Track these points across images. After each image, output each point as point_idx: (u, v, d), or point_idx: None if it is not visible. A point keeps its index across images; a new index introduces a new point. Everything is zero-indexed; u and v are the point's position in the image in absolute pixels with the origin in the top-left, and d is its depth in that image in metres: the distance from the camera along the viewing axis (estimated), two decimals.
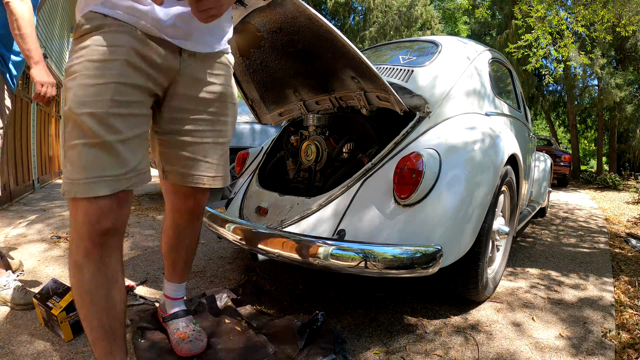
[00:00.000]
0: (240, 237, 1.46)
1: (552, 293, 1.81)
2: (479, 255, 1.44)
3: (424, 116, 1.56)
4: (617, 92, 10.59)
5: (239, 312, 1.46)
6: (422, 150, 1.39)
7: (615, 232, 3.35)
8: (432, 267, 1.20)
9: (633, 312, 1.60)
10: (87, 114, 0.81)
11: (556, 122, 17.41)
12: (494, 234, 1.66)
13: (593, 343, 1.34)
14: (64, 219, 3.24)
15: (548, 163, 3.68)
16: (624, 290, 1.86)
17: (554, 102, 14.30)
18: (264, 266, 2.04)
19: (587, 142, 22.49)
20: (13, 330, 1.32)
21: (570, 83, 11.79)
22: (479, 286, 1.49)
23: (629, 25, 5.71)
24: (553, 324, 1.48)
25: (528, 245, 2.75)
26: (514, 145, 1.76)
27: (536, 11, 5.85)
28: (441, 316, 1.52)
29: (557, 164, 8.42)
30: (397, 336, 1.36)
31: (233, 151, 4.26)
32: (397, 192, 1.33)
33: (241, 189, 1.92)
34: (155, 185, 6.27)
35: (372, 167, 1.46)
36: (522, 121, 2.62)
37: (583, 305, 1.66)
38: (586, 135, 20.16)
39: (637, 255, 2.58)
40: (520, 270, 2.15)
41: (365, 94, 1.62)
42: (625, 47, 11.61)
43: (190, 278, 1.88)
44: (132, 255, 2.22)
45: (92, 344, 0.91)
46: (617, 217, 4.29)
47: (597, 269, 2.21)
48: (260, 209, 1.70)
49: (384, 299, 1.65)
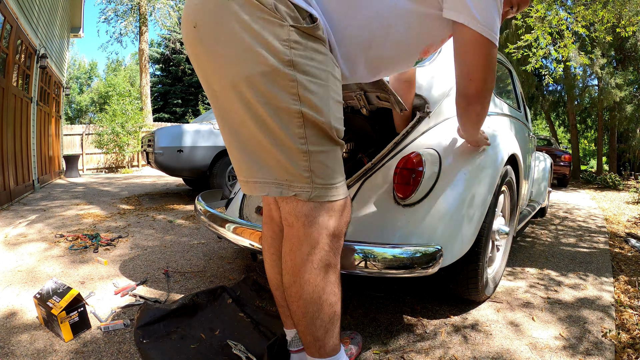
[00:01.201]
0: (240, 237, 1.46)
1: (551, 293, 1.81)
2: (479, 255, 1.44)
3: (424, 116, 1.56)
4: (617, 92, 10.60)
5: (240, 308, 1.46)
6: (422, 150, 1.39)
7: (615, 232, 3.35)
8: (432, 267, 1.20)
9: (633, 312, 1.60)
10: (338, 130, 0.86)
11: (556, 122, 17.41)
12: (494, 234, 1.66)
13: (593, 343, 1.34)
14: (64, 219, 3.24)
15: (548, 163, 3.68)
16: (624, 290, 1.86)
17: (554, 102, 14.31)
18: (264, 266, 2.04)
19: (587, 142, 22.50)
20: (13, 330, 1.32)
21: (570, 83, 11.79)
22: (479, 286, 1.50)
23: (629, 26, 5.70)
24: (553, 323, 1.48)
25: (528, 245, 2.75)
26: (514, 145, 1.76)
27: (536, 11, 5.84)
28: (441, 316, 1.52)
29: (557, 164, 8.42)
30: (397, 336, 1.36)
31: None
32: (397, 192, 1.33)
33: (241, 189, 1.92)
34: (155, 185, 6.27)
35: (372, 167, 1.46)
36: (522, 121, 2.62)
37: (583, 305, 1.66)
38: (586, 135, 20.17)
39: (637, 255, 2.58)
40: (520, 270, 2.15)
41: (365, 94, 1.62)
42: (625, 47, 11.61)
43: (190, 278, 1.88)
44: (132, 255, 2.22)
45: (324, 338, 0.87)
46: (616, 217, 4.29)
47: (596, 268, 2.21)
48: (260, 209, 1.70)
49: (384, 299, 1.65)
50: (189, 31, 0.83)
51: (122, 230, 2.84)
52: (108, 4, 14.90)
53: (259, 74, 0.77)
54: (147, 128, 11.04)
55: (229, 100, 0.82)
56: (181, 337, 1.28)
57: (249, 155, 0.84)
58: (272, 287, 1.09)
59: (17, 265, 2.00)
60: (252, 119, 0.80)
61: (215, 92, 0.85)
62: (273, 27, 0.77)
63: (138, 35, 14.34)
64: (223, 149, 4.16)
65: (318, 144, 0.83)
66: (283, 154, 0.81)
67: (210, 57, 0.82)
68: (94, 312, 1.45)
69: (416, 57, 1.02)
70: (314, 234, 0.84)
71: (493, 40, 0.92)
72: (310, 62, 0.80)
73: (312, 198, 0.83)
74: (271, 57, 0.77)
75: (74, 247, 2.31)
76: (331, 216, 0.85)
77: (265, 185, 0.84)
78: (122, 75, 20.20)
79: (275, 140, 0.80)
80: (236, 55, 0.78)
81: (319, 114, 0.81)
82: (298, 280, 0.84)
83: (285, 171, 0.82)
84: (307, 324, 0.86)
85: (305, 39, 0.80)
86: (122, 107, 10.75)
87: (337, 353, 0.90)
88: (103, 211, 3.68)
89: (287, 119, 0.79)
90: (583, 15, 5.67)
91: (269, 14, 0.77)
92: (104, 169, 11.09)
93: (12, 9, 4.16)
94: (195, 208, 1.88)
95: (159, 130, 4.11)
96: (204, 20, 0.80)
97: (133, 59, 35.95)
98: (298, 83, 0.78)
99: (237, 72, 0.79)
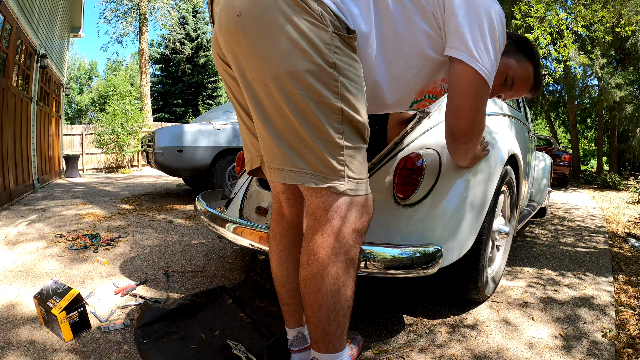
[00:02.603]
0: (240, 237, 1.46)
1: (551, 293, 1.81)
2: (479, 255, 1.44)
3: (424, 116, 1.56)
4: (617, 92, 10.60)
5: (240, 308, 1.46)
6: (422, 150, 1.39)
7: (614, 232, 3.35)
8: (431, 267, 1.20)
9: (632, 312, 1.60)
10: (368, 130, 0.91)
11: (556, 122, 17.42)
12: (494, 234, 1.66)
13: (592, 343, 1.34)
14: (64, 219, 3.24)
15: (548, 163, 3.68)
16: (624, 290, 1.87)
17: (554, 102, 14.31)
18: (264, 266, 2.05)
19: (587, 142, 22.50)
20: (13, 329, 1.32)
21: (570, 83, 11.79)
22: (479, 286, 1.50)
23: (628, 26, 5.71)
24: (552, 323, 1.48)
25: (527, 244, 2.75)
26: (514, 145, 1.76)
27: (536, 11, 5.84)
28: (441, 316, 1.52)
29: (557, 164, 8.42)
30: (397, 336, 1.36)
31: (233, 151, 4.28)
32: (397, 192, 1.33)
33: (241, 188, 1.92)
34: (155, 185, 6.27)
35: (372, 167, 1.46)
36: (522, 121, 2.62)
37: (582, 305, 1.67)
38: (586, 135, 20.18)
39: (636, 255, 2.58)
40: (520, 270, 2.15)
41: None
42: (625, 47, 11.62)
43: (190, 278, 1.88)
44: (132, 255, 2.22)
45: (335, 333, 0.89)
46: (616, 217, 4.29)
47: (596, 268, 2.22)
48: (260, 208, 1.70)
49: (384, 299, 1.66)
50: (231, 18, 0.84)
51: (122, 230, 2.84)
52: (108, 4, 14.91)
53: (305, 70, 0.81)
54: (147, 128, 11.04)
55: (268, 91, 0.84)
56: (181, 337, 1.28)
57: (285, 145, 0.86)
58: (277, 285, 1.09)
59: (17, 265, 2.00)
60: (293, 111, 0.83)
61: (249, 82, 0.86)
62: (318, 30, 0.82)
63: (138, 36, 14.34)
64: (223, 149, 4.16)
65: (353, 140, 0.87)
66: (321, 147, 0.84)
67: (252, 48, 0.83)
68: (93, 312, 1.45)
69: (412, 97, 1.08)
70: (339, 228, 0.87)
71: (487, 80, 0.98)
72: (349, 67, 0.86)
73: (345, 191, 0.86)
74: (317, 56, 0.82)
75: (74, 247, 2.31)
76: (356, 212, 0.88)
77: (301, 175, 0.86)
78: (122, 75, 20.15)
79: (314, 132, 0.84)
80: (282, 50, 0.81)
81: (356, 113, 0.87)
82: (320, 272, 0.86)
83: (322, 163, 0.85)
84: (321, 317, 0.87)
85: (345, 46, 0.86)
86: (122, 107, 10.75)
87: (343, 350, 0.92)
88: (103, 211, 3.68)
89: (328, 113, 0.84)
90: (583, 15, 5.68)
91: (316, 18, 0.82)
92: (104, 169, 11.10)
93: (12, 9, 4.16)
94: (195, 208, 1.88)
95: (159, 130, 4.11)
96: (251, 11, 0.82)
97: (133, 59, 35.98)
98: (340, 83, 0.84)
99: (281, 65, 0.81)
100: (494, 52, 0.97)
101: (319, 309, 0.87)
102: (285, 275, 1.07)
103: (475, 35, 0.94)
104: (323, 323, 0.88)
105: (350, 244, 0.87)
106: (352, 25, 0.89)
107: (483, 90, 0.99)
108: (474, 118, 1.04)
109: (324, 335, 0.89)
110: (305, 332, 1.09)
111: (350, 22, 0.90)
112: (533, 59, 1.26)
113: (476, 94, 1.00)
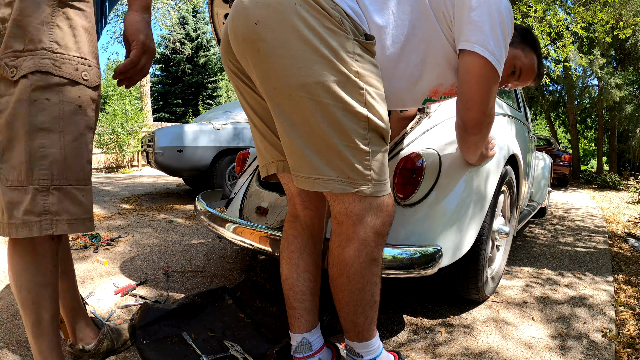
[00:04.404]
0: (240, 237, 1.46)
1: (551, 292, 1.81)
2: (479, 255, 1.44)
3: (424, 116, 1.56)
4: (617, 92, 10.61)
5: (241, 309, 1.46)
6: (422, 150, 1.39)
7: (614, 232, 3.35)
8: (431, 267, 1.20)
9: (632, 311, 1.61)
10: (389, 133, 0.92)
11: (556, 122, 17.42)
12: (494, 234, 1.66)
13: (592, 342, 1.34)
14: None
15: (548, 163, 3.68)
16: (623, 290, 1.87)
17: (553, 102, 14.31)
18: (264, 266, 2.05)
19: (587, 142, 22.51)
20: (13, 330, 1.32)
21: (570, 83, 11.80)
22: (479, 286, 1.50)
23: (627, 28, 5.71)
24: (552, 323, 1.48)
25: (527, 244, 2.75)
26: (514, 145, 1.76)
27: (535, 11, 5.85)
28: (441, 316, 1.52)
29: (557, 164, 8.43)
30: (397, 336, 1.36)
31: (233, 151, 4.28)
32: (397, 192, 1.34)
33: (241, 188, 1.92)
34: (155, 185, 6.27)
35: None
36: (522, 121, 2.62)
37: (582, 305, 1.67)
38: (586, 135, 20.18)
39: (636, 255, 2.58)
40: (519, 269, 2.15)
41: None
42: (624, 47, 11.62)
43: (190, 278, 1.88)
44: (132, 255, 2.22)
45: (363, 324, 0.97)
46: (616, 217, 4.29)
47: (596, 268, 2.22)
48: (260, 208, 1.70)
49: (383, 299, 1.66)
50: (248, 26, 0.83)
51: (122, 230, 2.84)
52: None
53: (331, 80, 0.82)
54: (147, 128, 11.04)
55: (292, 100, 0.84)
56: (181, 337, 1.28)
57: (312, 153, 0.86)
58: (286, 288, 1.08)
59: None
60: (322, 119, 0.84)
61: (274, 90, 0.86)
62: (340, 38, 0.83)
63: None
64: (223, 149, 4.16)
65: (377, 144, 0.89)
66: (349, 154, 0.86)
67: (272, 56, 0.83)
68: (93, 312, 1.45)
69: (425, 94, 1.10)
70: (361, 232, 0.90)
71: (498, 70, 0.99)
72: (371, 74, 0.87)
73: (372, 193, 0.88)
74: (341, 65, 0.82)
75: (74, 247, 2.31)
76: (378, 216, 0.91)
77: (330, 183, 0.87)
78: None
79: (342, 140, 0.85)
80: (305, 59, 0.81)
81: (380, 119, 0.88)
82: (345, 273, 0.92)
83: (350, 169, 0.86)
84: (349, 311, 0.96)
85: (365, 52, 0.87)
86: (122, 107, 10.75)
87: (372, 338, 0.99)
88: (103, 211, 3.68)
89: (355, 121, 0.85)
90: (582, 16, 5.68)
91: (337, 25, 0.83)
92: (104, 168, 11.09)
93: None
94: (196, 208, 1.88)
95: (159, 130, 4.11)
96: (269, 18, 0.81)
97: None
98: (365, 91, 0.85)
99: (306, 75, 0.82)
100: (504, 44, 0.99)
101: (347, 304, 0.95)
102: (295, 277, 1.07)
103: (486, 28, 0.96)
104: (351, 316, 0.96)
105: (371, 246, 0.91)
106: (367, 22, 0.91)
107: (494, 81, 1.01)
108: (485, 108, 1.05)
109: (353, 326, 0.97)
110: (310, 339, 1.07)
111: (365, 21, 0.91)
112: (536, 50, 1.29)
113: (487, 85, 1.01)
